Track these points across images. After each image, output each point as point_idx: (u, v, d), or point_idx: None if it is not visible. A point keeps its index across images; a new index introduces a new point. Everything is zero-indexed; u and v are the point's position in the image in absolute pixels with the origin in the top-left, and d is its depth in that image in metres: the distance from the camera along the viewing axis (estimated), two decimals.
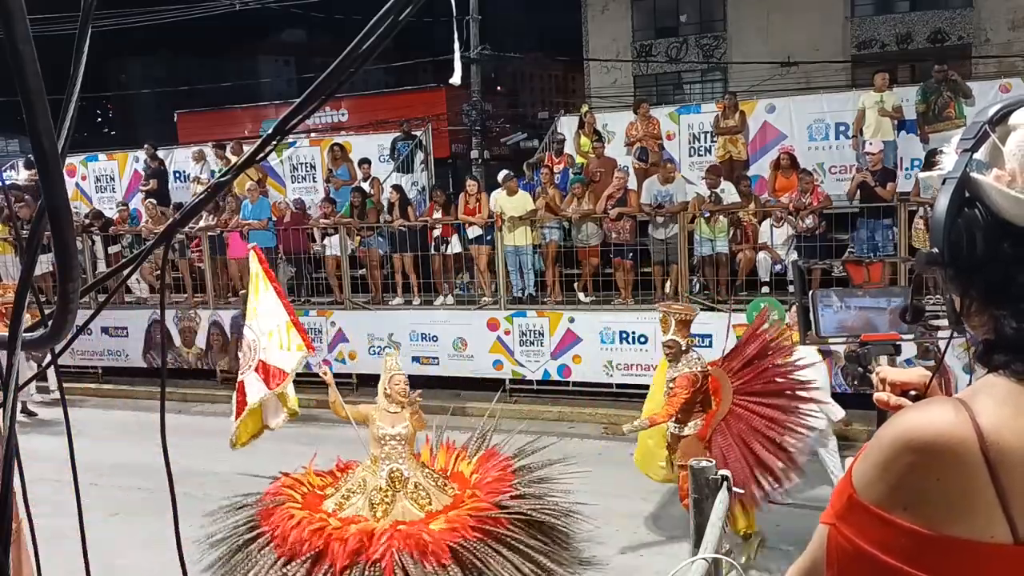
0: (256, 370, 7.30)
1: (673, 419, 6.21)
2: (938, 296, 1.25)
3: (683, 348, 6.29)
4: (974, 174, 1.02)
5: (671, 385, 6.25)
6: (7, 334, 0.84)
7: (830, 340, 1.82)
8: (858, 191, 9.82)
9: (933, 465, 0.92)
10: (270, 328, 7.31)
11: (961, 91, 10.42)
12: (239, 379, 7.62)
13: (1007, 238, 0.98)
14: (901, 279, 8.81)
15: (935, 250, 1.05)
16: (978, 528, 0.90)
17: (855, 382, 2.01)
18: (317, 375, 11.85)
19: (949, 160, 1.06)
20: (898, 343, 1.73)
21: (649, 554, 6.60)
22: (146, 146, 15.53)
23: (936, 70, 10.80)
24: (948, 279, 1.06)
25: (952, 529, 0.91)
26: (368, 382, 11.89)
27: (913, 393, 1.21)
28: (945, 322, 1.12)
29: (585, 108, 14.17)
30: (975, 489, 0.90)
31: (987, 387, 0.98)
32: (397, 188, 12.22)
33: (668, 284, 10.45)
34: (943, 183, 1.05)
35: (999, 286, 1.00)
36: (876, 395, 1.24)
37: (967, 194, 1.02)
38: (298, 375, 12.23)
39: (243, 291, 10.39)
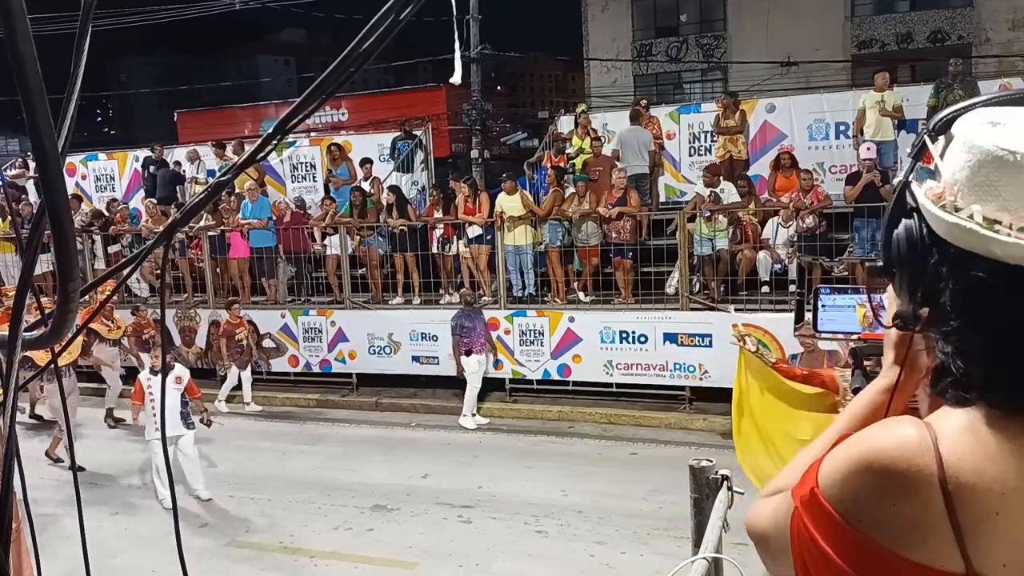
0: None
1: None
2: None
3: None
4: (914, 184, 0.98)
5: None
6: (7, 334, 0.84)
7: (828, 336, 1.81)
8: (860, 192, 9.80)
9: (890, 490, 0.90)
10: None
11: (971, 91, 10.44)
12: None
13: (933, 254, 0.94)
14: None
15: (880, 262, 1.02)
16: (930, 555, 0.89)
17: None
18: (317, 375, 12.01)
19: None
20: None
21: (649, 554, 6.61)
22: (154, 147, 15.58)
23: (951, 62, 10.86)
24: (897, 292, 1.02)
25: (904, 552, 0.90)
26: (368, 382, 11.92)
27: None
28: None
29: (581, 108, 14.14)
30: (930, 518, 0.88)
31: (952, 411, 0.94)
32: (394, 189, 12.20)
33: (669, 285, 10.45)
34: (895, 189, 1.02)
35: (931, 304, 0.95)
36: None
37: (910, 203, 0.98)
38: (297, 375, 12.36)
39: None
